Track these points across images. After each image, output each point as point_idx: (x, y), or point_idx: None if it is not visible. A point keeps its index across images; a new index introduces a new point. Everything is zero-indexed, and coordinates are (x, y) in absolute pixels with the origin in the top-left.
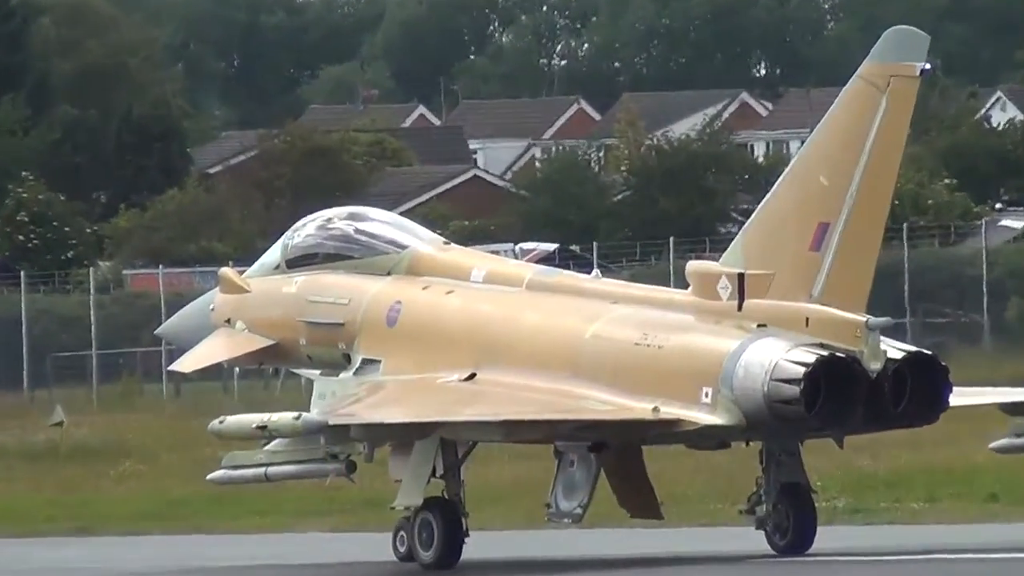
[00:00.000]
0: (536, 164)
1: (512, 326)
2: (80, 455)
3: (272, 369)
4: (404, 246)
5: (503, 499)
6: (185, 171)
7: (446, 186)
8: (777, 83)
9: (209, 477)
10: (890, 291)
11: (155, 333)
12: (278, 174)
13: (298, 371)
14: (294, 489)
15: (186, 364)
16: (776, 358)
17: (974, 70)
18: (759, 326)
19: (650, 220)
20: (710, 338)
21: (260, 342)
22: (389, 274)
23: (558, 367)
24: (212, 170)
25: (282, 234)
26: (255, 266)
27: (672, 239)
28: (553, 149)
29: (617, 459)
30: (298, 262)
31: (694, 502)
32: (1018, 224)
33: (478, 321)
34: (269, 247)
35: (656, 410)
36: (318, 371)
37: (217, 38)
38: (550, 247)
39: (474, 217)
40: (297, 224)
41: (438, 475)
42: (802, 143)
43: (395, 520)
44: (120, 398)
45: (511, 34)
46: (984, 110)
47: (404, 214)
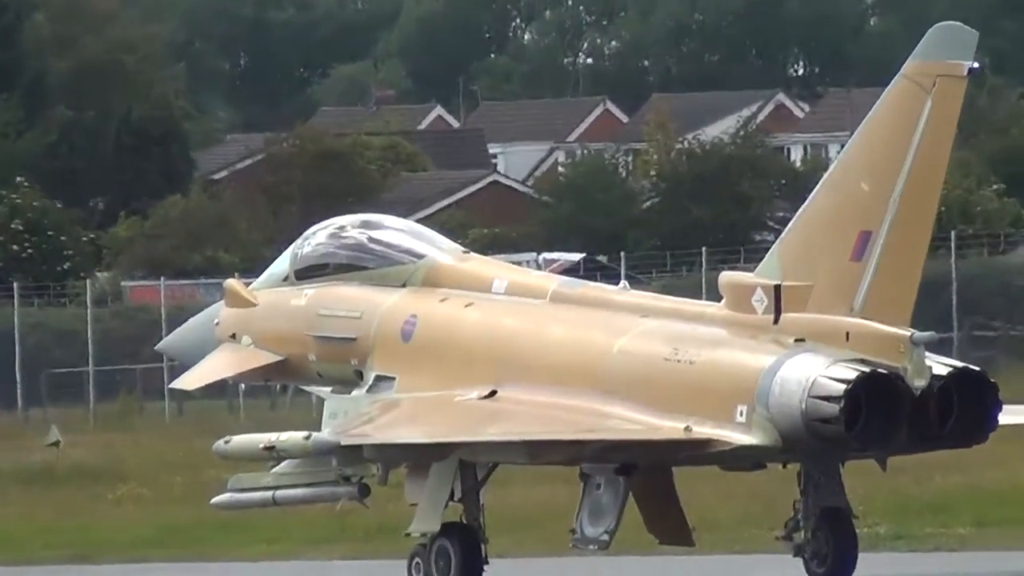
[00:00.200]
0: (560, 169)
1: (535, 341)
2: (77, 477)
3: (280, 386)
4: (420, 256)
5: (525, 525)
6: (188, 176)
7: (465, 192)
8: (815, 83)
9: (213, 501)
10: (936, 303)
11: (156, 348)
12: (287, 180)
13: (308, 388)
14: (304, 514)
15: (189, 381)
16: (815, 375)
17: None
18: (797, 341)
19: (681, 228)
20: (745, 353)
21: (267, 358)
22: (404, 285)
23: (584, 384)
24: (217, 175)
25: (291, 243)
26: (262, 277)
27: (704, 249)
28: (578, 153)
29: (646, 482)
30: (308, 273)
31: (727, 528)
32: None
33: (499, 335)
34: (277, 257)
35: (688, 429)
36: (329, 388)
37: (222, 35)
38: (575, 257)
39: (494, 225)
40: (307, 233)
41: (456, 499)
42: (842, 147)
43: (411, 547)
44: (119, 417)
45: (534, 31)
46: None
47: (420, 222)
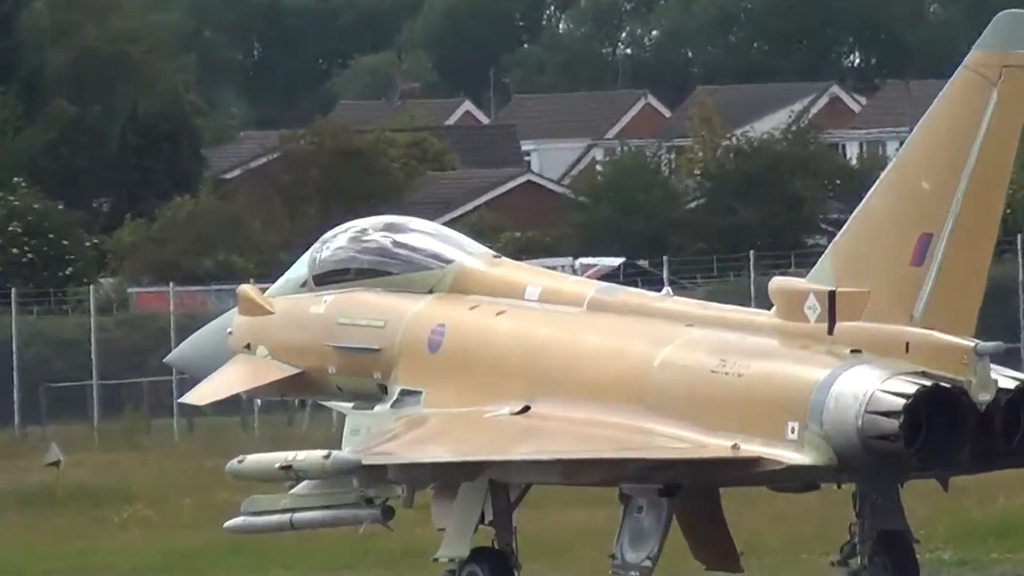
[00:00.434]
0: (598, 167)
1: (571, 352)
2: (79, 499)
3: (298, 401)
4: (448, 261)
5: (561, 550)
6: (198, 176)
7: (496, 192)
8: (872, 74)
9: (227, 525)
10: (1002, 311)
11: (164, 360)
12: (304, 179)
13: (327, 403)
14: (324, 538)
15: (200, 396)
16: (872, 388)
17: None
18: (852, 352)
19: (728, 231)
20: (797, 365)
21: (284, 370)
22: (431, 292)
23: (624, 398)
24: (229, 175)
25: (309, 247)
26: (278, 283)
27: (753, 253)
28: (617, 150)
29: (691, 503)
30: (327, 279)
31: (778, 552)
32: None
33: (532, 346)
34: (294, 262)
35: (735, 447)
36: (350, 403)
37: (234, 24)
38: (614, 262)
39: (528, 228)
40: (326, 236)
41: (487, 522)
42: (901, 143)
43: (438, 573)
44: (124, 435)
45: (569, 19)
46: None
47: (448, 224)
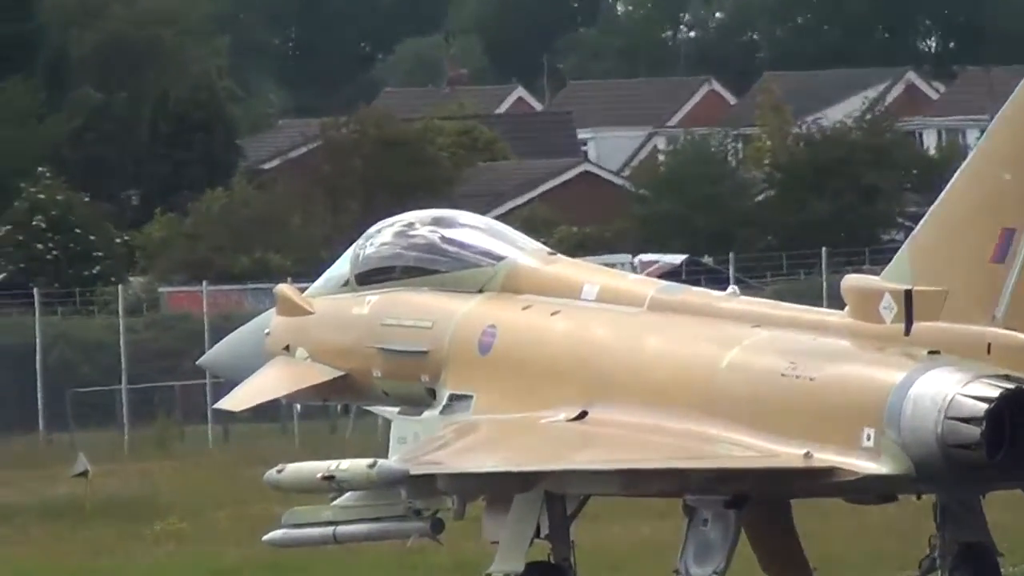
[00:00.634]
0: (659, 157)
1: (631, 354)
2: (109, 512)
3: (340, 407)
4: (500, 257)
5: (622, 565)
6: (233, 167)
7: (550, 184)
8: (951, 60)
9: (266, 538)
10: None
11: (197, 363)
12: (346, 170)
13: (372, 409)
14: (369, 552)
15: (236, 401)
16: (952, 392)
17: None
18: (930, 353)
19: (798, 225)
20: (872, 368)
21: (325, 374)
22: (482, 291)
23: (687, 404)
24: (266, 166)
25: (351, 243)
26: (319, 282)
27: (824, 249)
28: (680, 139)
29: (760, 516)
30: (371, 277)
31: (853, 567)
32: None
33: (590, 348)
34: (335, 259)
35: (807, 456)
36: (396, 409)
37: (271, 5)
38: (676, 259)
39: (584, 222)
40: (370, 231)
41: (543, 535)
42: (981, 132)
43: None
44: (156, 443)
45: (627, 1)
46: None
47: (499, 218)
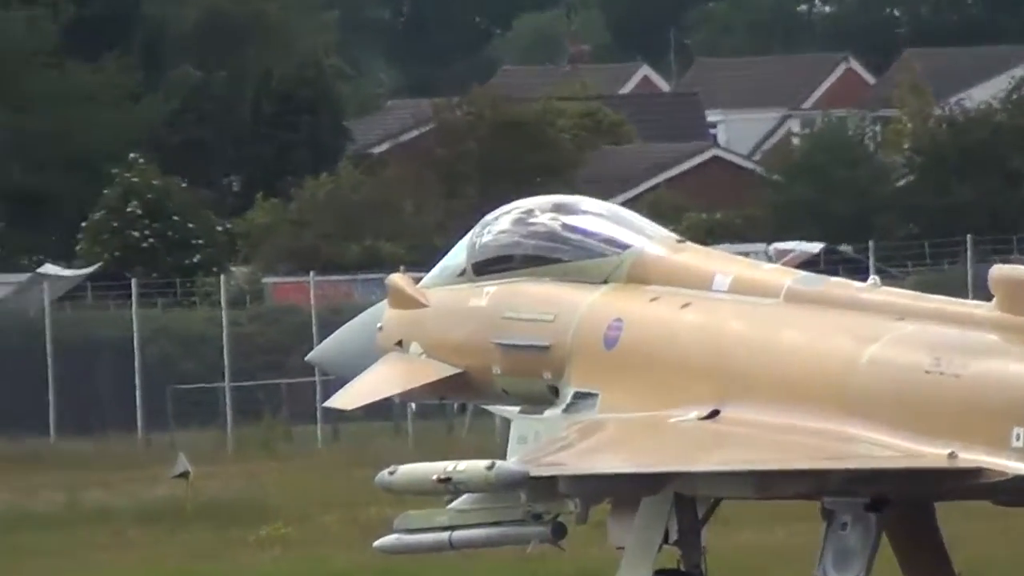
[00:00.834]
0: (794, 141)
1: (765, 349)
2: (211, 516)
3: (457, 405)
4: (626, 246)
5: (756, 571)
6: (341, 150)
7: (678, 169)
8: None
9: (376, 544)
10: None
11: (306, 359)
12: (461, 154)
13: (491, 408)
14: (486, 559)
15: (347, 399)
16: None
17: None
18: None
19: (941, 212)
20: (1022, 364)
21: (441, 370)
22: (607, 282)
23: (825, 401)
24: (376, 149)
25: (467, 231)
26: (433, 272)
27: (970, 237)
28: (816, 121)
29: (902, 520)
30: (489, 267)
31: (1001, 572)
32: None
33: (722, 343)
34: (451, 248)
35: (952, 456)
36: (516, 407)
37: None
38: (813, 247)
39: (715, 208)
40: (487, 218)
41: (672, 541)
42: None
43: None
44: (261, 443)
45: None
46: None
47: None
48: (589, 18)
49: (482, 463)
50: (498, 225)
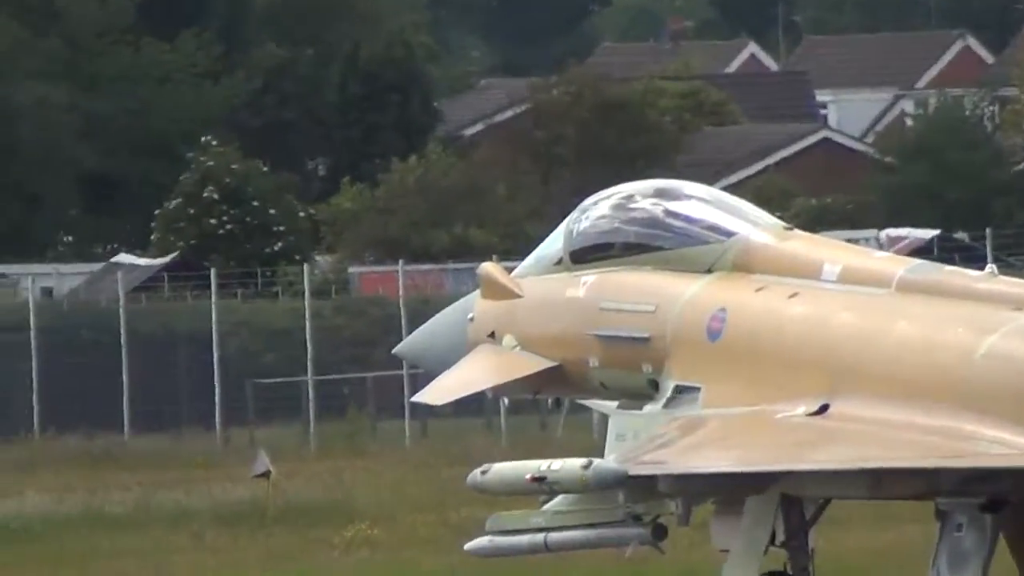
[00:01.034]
0: (907, 122)
1: (877, 341)
2: (293, 517)
3: (552, 400)
4: (730, 233)
5: (867, 574)
6: (431, 132)
7: (786, 152)
8: None
9: (468, 547)
10: None
11: (393, 352)
12: (557, 136)
13: (587, 403)
14: (583, 561)
15: (436, 394)
16: None
17: None
18: None
19: None
20: None
21: (536, 364)
22: (710, 271)
23: (940, 396)
24: (468, 131)
25: (564, 217)
26: (528, 261)
27: None
28: (931, 102)
29: (1020, 521)
30: (587, 255)
31: None
32: None
33: (831, 335)
34: (547, 235)
35: None
36: (615, 403)
37: None
38: (927, 234)
39: (824, 193)
40: (585, 203)
41: (778, 543)
42: None
43: None
44: (346, 440)
45: None
46: None
47: (729, 189)
48: None
49: (578, 462)
50: (596, 211)
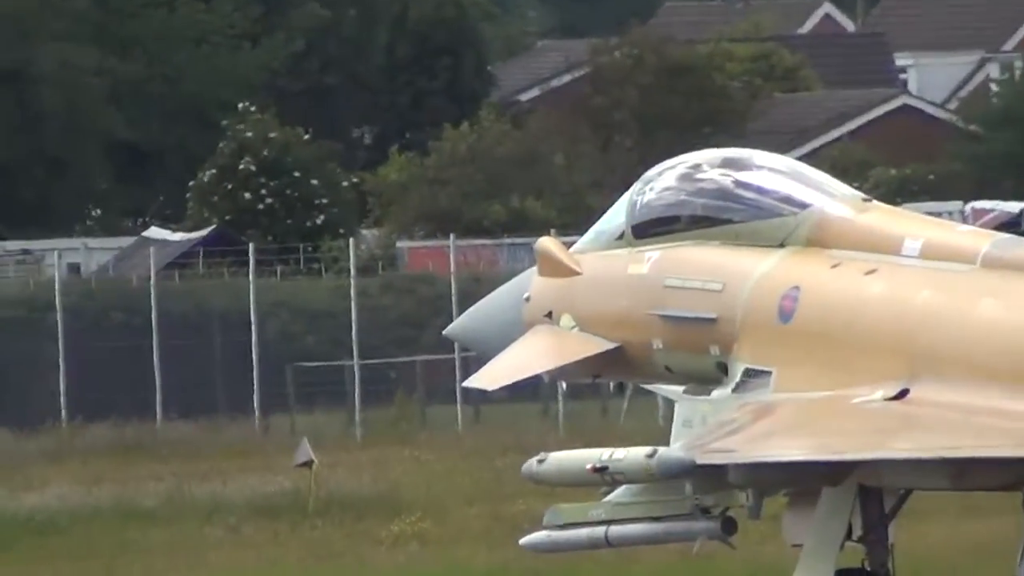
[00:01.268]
0: (993, 88)
1: (961, 321)
2: (337, 510)
3: (614, 385)
4: (804, 205)
5: (950, 571)
6: (485, 98)
7: (863, 119)
8: None
9: (524, 542)
10: None
11: (444, 333)
12: (619, 102)
13: (652, 387)
14: (646, 557)
15: (490, 378)
16: None
17: None
18: None
19: None
20: None
21: (596, 345)
22: (783, 246)
23: None
24: (523, 96)
25: (626, 189)
26: (588, 236)
27: None
28: (1017, 66)
29: None
30: (650, 229)
31: None
32: None
33: (912, 314)
34: (608, 208)
35: None
36: (681, 387)
37: None
38: (1014, 207)
39: (904, 163)
40: (649, 175)
41: (856, 538)
42: None
43: None
44: (393, 427)
45: None
46: None
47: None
48: None
49: (642, 450)
50: (661, 182)
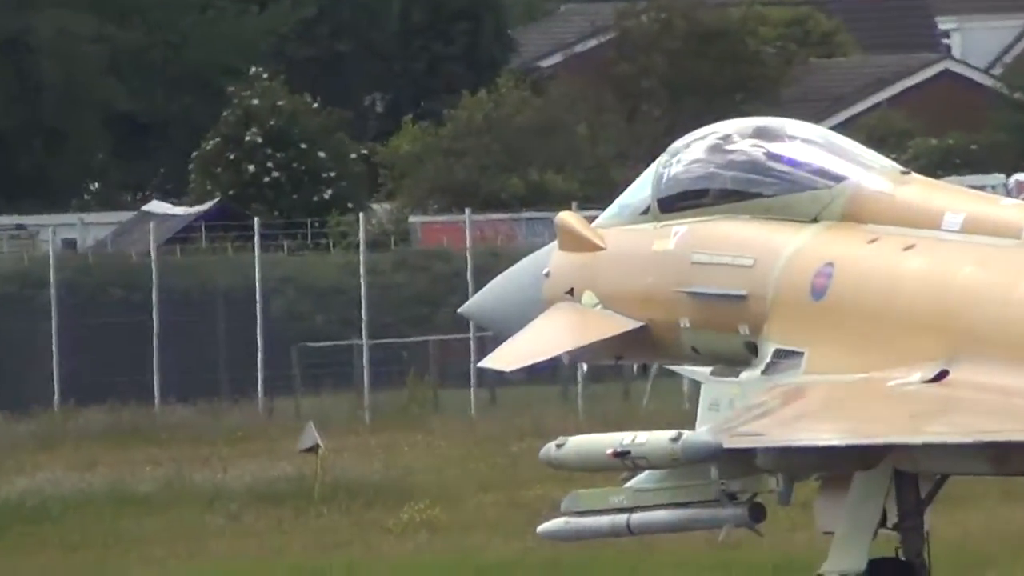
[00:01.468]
0: None
1: (1003, 299)
2: (344, 497)
3: (637, 366)
4: (840, 177)
5: (988, 560)
6: (504, 64)
7: (903, 85)
8: None
9: (541, 529)
10: None
11: (459, 312)
12: (646, 68)
13: (678, 368)
14: (670, 545)
15: (506, 359)
16: None
17: None
18: None
19: None
20: None
21: (619, 324)
22: (816, 220)
23: None
24: (545, 62)
25: (653, 160)
26: (612, 209)
27: None
28: None
29: None
30: (678, 203)
31: None
32: None
33: (952, 292)
34: (632, 180)
35: None
36: (708, 368)
37: None
38: None
39: (945, 132)
40: (676, 145)
41: (890, 525)
42: None
43: None
44: (404, 410)
45: None
46: None
47: (839, 128)
48: None
49: (666, 434)
50: (689, 154)
